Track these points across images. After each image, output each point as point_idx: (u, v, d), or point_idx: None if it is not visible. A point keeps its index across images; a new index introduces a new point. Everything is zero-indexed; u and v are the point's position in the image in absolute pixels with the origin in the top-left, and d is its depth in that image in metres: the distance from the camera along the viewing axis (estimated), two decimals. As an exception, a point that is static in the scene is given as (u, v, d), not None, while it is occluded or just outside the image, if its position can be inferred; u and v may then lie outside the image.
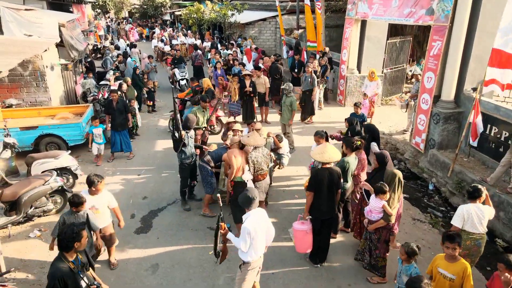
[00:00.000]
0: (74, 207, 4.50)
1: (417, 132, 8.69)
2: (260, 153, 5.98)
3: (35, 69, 10.27)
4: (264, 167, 5.98)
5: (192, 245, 5.77)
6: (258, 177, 6.01)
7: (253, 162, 5.87)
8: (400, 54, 13.00)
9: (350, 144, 5.61)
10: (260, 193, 6.04)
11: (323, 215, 5.06)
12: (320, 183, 4.92)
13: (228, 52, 15.62)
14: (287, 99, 8.56)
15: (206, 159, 6.43)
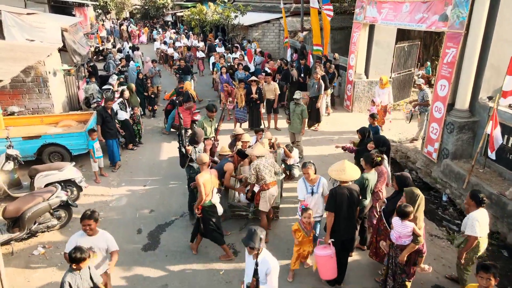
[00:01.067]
0: (75, 263, 3.68)
1: (430, 141, 8.47)
2: (263, 161, 5.76)
3: (37, 75, 10.07)
4: (267, 177, 5.74)
5: (202, 264, 5.56)
6: (263, 186, 5.80)
7: (255, 170, 5.67)
8: (408, 58, 12.78)
9: (370, 160, 5.42)
10: (263, 203, 5.83)
11: (342, 236, 4.85)
12: (339, 203, 4.70)
13: (233, 56, 15.37)
14: (297, 107, 8.34)
15: None
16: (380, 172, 5.56)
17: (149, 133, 10.69)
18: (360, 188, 5.02)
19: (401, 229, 4.38)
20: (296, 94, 8.43)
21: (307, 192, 5.32)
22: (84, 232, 4.24)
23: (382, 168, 5.62)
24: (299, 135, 8.51)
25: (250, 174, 5.68)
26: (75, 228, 6.40)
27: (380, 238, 5.15)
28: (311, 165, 5.26)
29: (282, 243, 6.02)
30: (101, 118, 8.15)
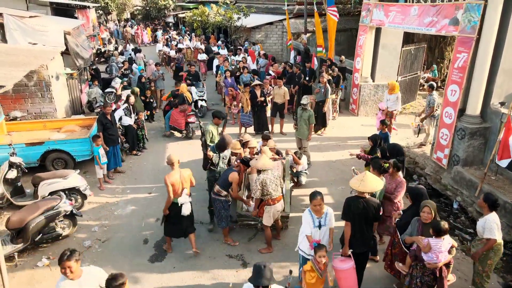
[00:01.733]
0: None
1: (439, 147, 8.33)
2: (270, 175, 5.59)
3: (40, 79, 9.94)
4: (272, 192, 5.56)
5: (211, 276, 5.42)
6: (268, 201, 5.63)
7: (260, 184, 5.50)
8: (415, 61, 12.63)
9: (378, 166, 5.35)
10: (267, 218, 5.68)
11: (355, 249, 4.68)
12: (353, 214, 4.57)
13: (236, 58, 15.22)
14: (305, 113, 8.19)
15: (216, 189, 5.87)
16: (400, 182, 5.40)
17: (153, 137, 10.55)
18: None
19: (444, 247, 4.18)
20: (304, 99, 8.28)
21: (314, 226, 4.68)
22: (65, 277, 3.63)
23: (401, 178, 5.47)
24: (306, 141, 8.36)
25: (256, 188, 5.52)
26: (79, 238, 6.28)
27: (395, 251, 5.01)
28: (321, 196, 4.66)
29: (292, 253, 5.86)
30: (101, 125, 8.00)
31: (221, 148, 6.26)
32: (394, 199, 5.37)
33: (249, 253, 5.86)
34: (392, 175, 5.49)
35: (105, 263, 5.67)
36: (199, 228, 6.51)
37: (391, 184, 5.49)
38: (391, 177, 5.52)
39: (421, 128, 9.51)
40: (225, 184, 5.82)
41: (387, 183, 5.52)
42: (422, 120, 9.35)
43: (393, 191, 5.43)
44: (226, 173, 5.87)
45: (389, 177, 5.56)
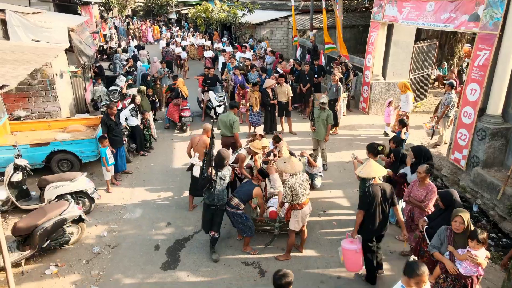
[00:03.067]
0: None
1: (457, 147, 8.05)
2: (299, 179, 5.35)
3: (44, 78, 9.69)
4: (301, 196, 5.32)
5: (227, 286, 5.16)
6: (296, 205, 5.39)
7: (290, 189, 5.25)
8: (426, 58, 12.34)
9: (372, 149, 5.72)
10: (295, 223, 5.43)
11: (376, 232, 4.98)
12: (373, 201, 4.77)
13: (242, 55, 14.93)
14: (323, 113, 7.90)
15: (234, 203, 5.55)
16: (430, 189, 5.08)
17: (159, 137, 10.28)
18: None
19: (482, 258, 3.93)
20: (322, 98, 7.99)
21: None
22: None
23: (431, 184, 5.16)
24: (324, 142, 8.08)
25: (285, 193, 5.25)
26: (88, 243, 6.04)
27: (422, 260, 4.74)
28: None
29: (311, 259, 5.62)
30: (106, 126, 7.73)
31: (219, 165, 5.36)
32: (425, 208, 5.06)
33: (266, 261, 5.61)
34: (421, 181, 5.17)
35: (116, 271, 5.44)
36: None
37: (420, 191, 5.16)
38: (420, 184, 5.20)
39: (435, 130, 9.23)
40: (247, 198, 5.56)
41: (416, 190, 5.23)
42: (437, 122, 9.07)
43: (423, 198, 5.11)
44: (251, 188, 5.58)
45: (417, 184, 5.27)
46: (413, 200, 5.26)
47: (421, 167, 5.19)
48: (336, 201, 7.24)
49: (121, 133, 7.99)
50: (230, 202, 5.56)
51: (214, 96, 11.16)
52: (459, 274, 4.06)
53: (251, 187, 5.56)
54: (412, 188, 5.36)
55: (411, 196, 5.32)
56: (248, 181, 5.77)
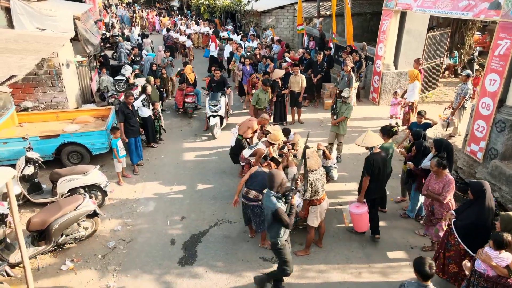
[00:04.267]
0: None
1: (474, 139, 7.89)
2: (318, 174, 5.23)
3: (50, 68, 9.47)
4: (320, 191, 5.23)
5: (247, 281, 5.07)
6: (314, 201, 5.27)
7: (311, 185, 5.14)
8: (438, 47, 12.09)
9: (386, 130, 6.03)
10: (313, 218, 5.33)
11: (376, 195, 5.65)
12: (376, 167, 5.40)
13: (251, 44, 14.65)
14: (343, 106, 7.73)
15: (253, 195, 5.40)
16: (448, 181, 5.00)
17: (168, 128, 10.11)
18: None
19: (495, 260, 3.85)
20: (345, 91, 7.79)
21: None
22: None
23: (448, 176, 5.07)
24: (343, 136, 7.93)
25: (306, 190, 5.15)
26: (102, 238, 5.94)
27: (449, 254, 4.66)
28: None
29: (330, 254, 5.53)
30: (123, 115, 7.58)
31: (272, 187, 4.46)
32: (443, 200, 4.97)
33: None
34: (438, 173, 5.08)
35: (133, 266, 5.36)
36: (228, 228, 6.18)
37: (437, 184, 5.08)
38: (437, 176, 5.11)
39: (450, 122, 9.06)
40: (263, 187, 5.34)
41: (434, 183, 5.11)
42: (453, 114, 8.89)
43: (440, 191, 5.03)
44: (263, 176, 5.41)
45: (434, 177, 5.16)
46: (431, 193, 5.19)
47: (432, 161, 5.17)
48: (352, 193, 7.12)
49: (137, 123, 7.84)
50: (248, 196, 5.44)
51: (208, 103, 9.57)
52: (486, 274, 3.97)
53: (264, 175, 5.43)
54: (430, 181, 5.30)
55: (429, 190, 5.25)
56: (259, 172, 5.61)
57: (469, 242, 4.43)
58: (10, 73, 6.68)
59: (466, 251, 4.46)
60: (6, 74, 6.47)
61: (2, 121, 7.76)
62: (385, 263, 5.37)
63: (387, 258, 5.47)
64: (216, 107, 9.41)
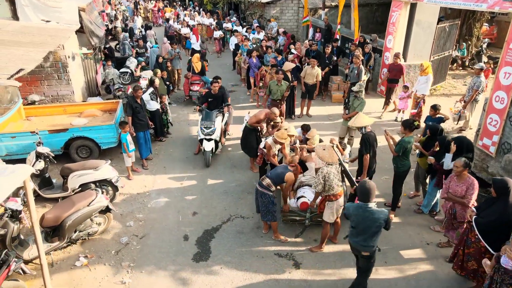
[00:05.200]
0: None
1: (486, 133, 7.80)
2: (334, 169, 5.17)
3: (56, 60, 9.34)
4: (336, 187, 5.16)
5: (263, 278, 5.04)
6: (330, 196, 5.20)
7: (323, 178, 5.07)
8: (448, 39, 11.93)
9: (408, 124, 5.90)
10: (329, 214, 5.27)
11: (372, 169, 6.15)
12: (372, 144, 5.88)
13: (256, 36, 14.47)
14: (356, 101, 7.63)
15: (266, 183, 5.44)
16: (471, 183, 4.88)
17: (175, 122, 10.02)
18: (402, 151, 5.81)
19: None
20: (356, 86, 7.69)
21: None
22: None
23: (471, 178, 4.95)
24: (355, 130, 7.84)
25: (318, 182, 5.09)
26: (115, 233, 5.90)
27: (468, 251, 4.61)
28: None
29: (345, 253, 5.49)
30: (131, 109, 7.49)
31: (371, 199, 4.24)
32: (468, 203, 4.86)
33: (299, 252, 5.48)
34: (461, 175, 4.96)
35: (147, 262, 5.32)
36: (241, 224, 6.14)
37: (460, 186, 4.95)
38: (459, 178, 4.99)
39: (462, 115, 8.95)
40: (279, 181, 5.45)
41: (455, 186, 5.01)
42: (465, 107, 8.79)
43: (464, 193, 4.91)
44: (283, 171, 5.47)
45: (455, 179, 5.06)
46: (452, 196, 5.05)
47: (459, 161, 4.96)
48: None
49: (145, 117, 7.75)
50: (262, 182, 5.49)
51: (199, 123, 7.95)
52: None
53: (285, 171, 5.44)
54: (450, 184, 5.14)
55: (450, 192, 5.11)
56: (283, 165, 5.60)
57: (490, 240, 4.37)
58: (18, 67, 6.58)
59: (487, 248, 4.40)
60: (15, 68, 6.38)
61: (9, 115, 7.68)
62: (401, 260, 5.33)
63: (403, 255, 5.43)
64: (209, 129, 7.72)
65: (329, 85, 11.75)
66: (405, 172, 5.99)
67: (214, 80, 8.47)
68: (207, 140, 7.69)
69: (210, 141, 7.70)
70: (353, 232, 4.29)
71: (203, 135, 7.71)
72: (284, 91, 8.68)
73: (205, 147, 7.65)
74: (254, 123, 7.39)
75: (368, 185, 4.13)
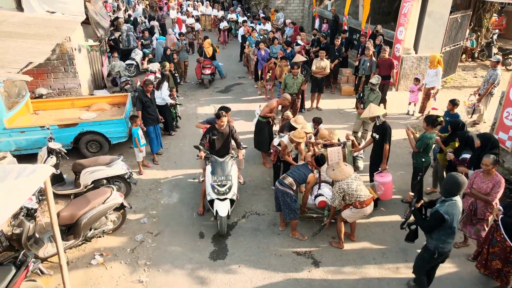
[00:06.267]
0: None
1: (502, 127, 7.66)
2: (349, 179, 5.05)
3: (62, 52, 9.17)
4: (362, 194, 5.04)
5: (282, 276, 4.96)
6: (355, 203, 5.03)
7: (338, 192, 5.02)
8: (459, 30, 11.73)
9: (431, 121, 5.75)
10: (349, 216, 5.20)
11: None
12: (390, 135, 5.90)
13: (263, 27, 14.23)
14: (372, 94, 7.49)
15: (288, 182, 5.32)
16: (499, 181, 4.74)
17: (183, 115, 9.86)
18: (424, 147, 5.73)
19: None
20: (374, 78, 7.53)
21: None
22: None
23: (499, 176, 4.83)
24: (369, 124, 7.71)
25: (334, 197, 5.04)
26: (129, 231, 5.82)
27: (493, 250, 4.52)
28: None
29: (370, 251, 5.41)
30: (141, 103, 7.34)
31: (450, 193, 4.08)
32: (492, 201, 4.75)
33: (318, 250, 5.40)
34: (488, 172, 4.84)
35: (163, 261, 5.25)
36: (257, 220, 6.05)
37: (485, 183, 4.82)
38: (486, 175, 4.85)
39: (476, 109, 8.81)
40: (301, 181, 5.35)
41: (481, 182, 4.89)
42: (480, 100, 8.64)
43: (489, 191, 4.78)
44: (305, 171, 5.36)
45: (482, 175, 4.93)
46: (476, 192, 4.94)
47: (487, 158, 4.79)
48: (379, 185, 6.95)
49: (155, 111, 7.60)
50: (284, 181, 5.36)
51: (210, 179, 5.72)
52: None
53: (307, 172, 5.34)
54: (475, 179, 5.01)
55: (474, 188, 4.99)
56: (305, 165, 5.48)
57: (516, 240, 4.28)
58: (27, 60, 6.42)
59: (513, 248, 4.32)
60: (24, 61, 6.22)
61: (18, 109, 7.54)
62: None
63: (423, 253, 5.34)
64: (225, 187, 5.61)
65: (338, 78, 11.58)
66: (425, 168, 5.90)
67: (220, 113, 6.05)
68: (221, 200, 5.61)
69: (225, 201, 5.61)
70: (450, 235, 4.03)
71: (216, 194, 5.58)
72: (300, 85, 8.51)
73: (220, 211, 5.47)
74: (267, 113, 7.28)
75: (461, 178, 3.94)
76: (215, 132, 6.12)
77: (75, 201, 5.30)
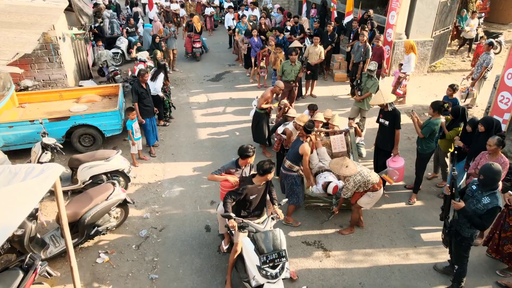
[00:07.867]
0: None
1: (497, 111, 7.75)
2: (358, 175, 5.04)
3: (46, 42, 8.70)
4: (374, 176, 5.09)
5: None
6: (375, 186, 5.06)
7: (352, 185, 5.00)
8: (449, 14, 11.77)
9: (438, 106, 5.71)
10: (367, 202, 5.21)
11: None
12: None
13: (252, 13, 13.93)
14: (369, 81, 7.42)
15: (288, 165, 5.34)
16: (504, 162, 4.84)
17: (177, 105, 9.59)
18: (430, 133, 5.70)
19: None
20: (371, 65, 7.46)
21: None
22: None
23: (504, 158, 4.89)
24: (366, 111, 7.69)
25: (347, 189, 5.02)
26: (132, 226, 5.65)
27: (505, 235, 4.59)
28: None
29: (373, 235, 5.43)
30: (137, 95, 7.08)
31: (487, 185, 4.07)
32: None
33: (327, 239, 5.38)
34: (493, 154, 4.89)
35: (171, 256, 5.13)
36: (263, 211, 5.95)
37: None
38: (491, 156, 4.92)
39: (470, 93, 8.90)
40: (296, 157, 5.32)
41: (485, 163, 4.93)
42: (473, 84, 8.73)
43: None
44: (296, 146, 5.33)
45: (487, 156, 4.98)
46: None
47: (492, 139, 4.87)
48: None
49: (151, 102, 7.35)
50: (284, 165, 5.46)
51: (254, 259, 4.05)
52: None
53: (298, 144, 5.31)
54: (481, 161, 5.08)
55: (479, 169, 5.05)
56: (296, 140, 5.48)
57: (528, 224, 4.35)
58: (15, 51, 6.05)
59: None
60: (11, 52, 5.85)
61: (4, 103, 7.16)
62: (429, 244, 5.31)
63: (430, 239, 5.40)
64: (278, 268, 4.03)
65: (331, 64, 11.50)
66: (430, 154, 5.94)
67: (248, 150, 4.88)
68: (273, 283, 4.00)
69: (278, 283, 4.03)
70: None
71: (266, 278, 3.96)
72: (298, 72, 8.37)
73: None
74: (263, 104, 7.13)
75: (497, 165, 3.94)
76: (248, 188, 4.32)
77: (77, 198, 5.08)
